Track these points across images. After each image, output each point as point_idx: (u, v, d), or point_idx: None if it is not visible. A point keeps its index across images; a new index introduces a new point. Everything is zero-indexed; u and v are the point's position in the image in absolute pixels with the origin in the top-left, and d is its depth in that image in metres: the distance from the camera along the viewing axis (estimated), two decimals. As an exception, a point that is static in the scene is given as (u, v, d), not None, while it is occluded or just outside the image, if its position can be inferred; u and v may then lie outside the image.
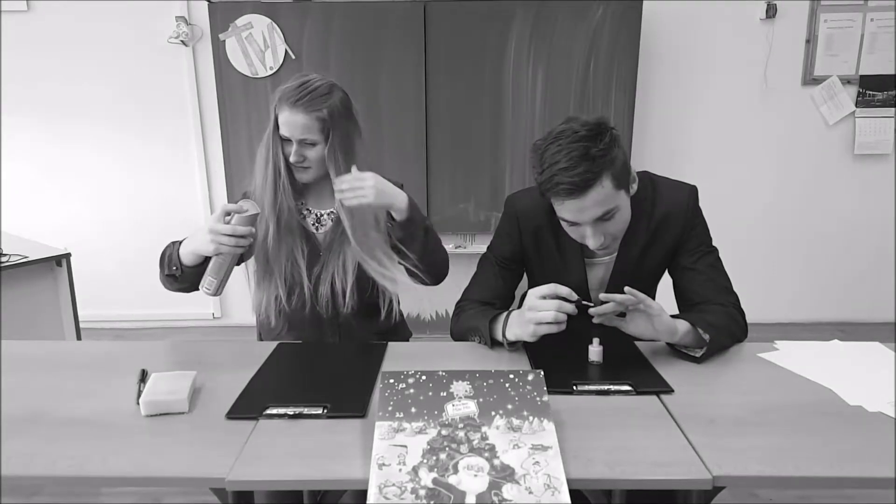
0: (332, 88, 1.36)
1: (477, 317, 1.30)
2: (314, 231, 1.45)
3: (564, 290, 1.12)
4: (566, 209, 1.16)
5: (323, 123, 1.35)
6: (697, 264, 1.32)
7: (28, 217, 3.32)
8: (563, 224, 1.23)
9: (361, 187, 1.26)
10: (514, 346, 1.23)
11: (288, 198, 1.39)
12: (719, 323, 1.21)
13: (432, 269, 1.40)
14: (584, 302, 1.13)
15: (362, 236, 1.38)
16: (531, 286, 1.50)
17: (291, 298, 1.41)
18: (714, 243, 1.37)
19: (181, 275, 1.29)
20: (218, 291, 1.26)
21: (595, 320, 1.15)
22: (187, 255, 1.27)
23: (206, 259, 1.26)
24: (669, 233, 1.32)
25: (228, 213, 1.21)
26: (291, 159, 1.36)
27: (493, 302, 1.39)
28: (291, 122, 1.33)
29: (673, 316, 1.20)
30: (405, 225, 1.33)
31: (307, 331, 1.47)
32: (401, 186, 1.58)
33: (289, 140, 1.36)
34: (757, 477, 0.82)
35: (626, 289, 1.10)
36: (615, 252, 1.34)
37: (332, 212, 1.47)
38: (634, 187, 1.25)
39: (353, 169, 1.31)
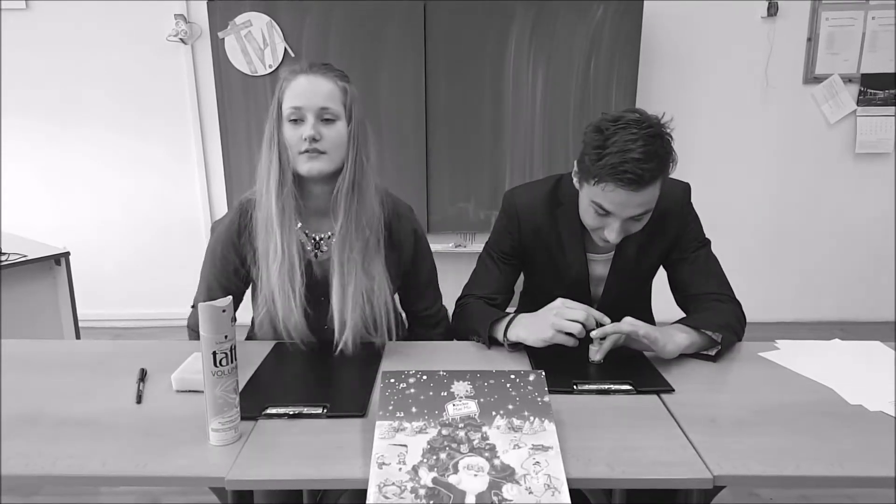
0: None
1: (478, 317, 1.30)
2: (313, 258, 1.26)
3: (597, 313, 1.14)
4: (610, 199, 1.12)
5: (345, 95, 1.13)
6: (692, 256, 1.34)
7: (27, 216, 3.32)
8: (591, 211, 1.18)
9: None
10: (515, 347, 1.23)
11: (292, 214, 1.15)
12: (723, 321, 1.22)
13: None
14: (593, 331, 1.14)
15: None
16: (528, 283, 1.50)
17: (286, 331, 1.24)
18: (715, 242, 1.38)
19: None
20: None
21: (595, 356, 1.15)
22: None
23: None
24: (666, 230, 1.33)
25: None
26: (306, 134, 1.10)
27: (494, 297, 1.39)
28: (309, 88, 1.09)
29: (676, 321, 1.20)
30: None
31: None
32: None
33: (299, 120, 1.11)
34: (757, 476, 0.82)
35: (627, 319, 1.12)
36: (613, 249, 1.35)
37: (331, 235, 1.23)
38: None
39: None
